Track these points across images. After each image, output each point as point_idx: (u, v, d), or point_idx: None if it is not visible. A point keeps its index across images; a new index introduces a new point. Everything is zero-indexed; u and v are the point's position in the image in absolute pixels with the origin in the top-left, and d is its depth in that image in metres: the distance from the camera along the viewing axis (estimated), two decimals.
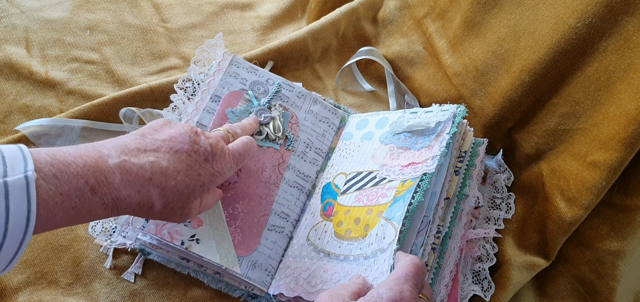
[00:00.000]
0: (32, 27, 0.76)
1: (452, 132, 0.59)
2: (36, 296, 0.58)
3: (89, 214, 0.43)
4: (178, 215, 0.49)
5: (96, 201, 0.43)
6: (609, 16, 0.58)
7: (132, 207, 0.45)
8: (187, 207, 0.49)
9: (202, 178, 0.49)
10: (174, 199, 0.47)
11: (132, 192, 0.45)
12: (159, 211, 0.47)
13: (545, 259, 0.64)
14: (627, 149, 0.57)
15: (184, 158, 0.48)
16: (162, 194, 0.46)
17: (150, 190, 0.46)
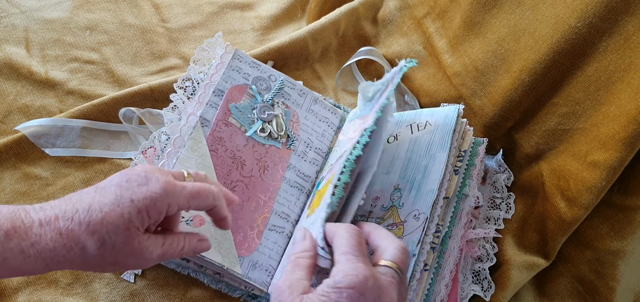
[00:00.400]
0: (32, 27, 0.76)
1: (396, 83, 0.56)
2: (36, 295, 0.58)
3: (3, 264, 0.38)
4: (125, 253, 0.42)
5: (11, 248, 0.38)
6: (609, 16, 0.58)
7: (59, 253, 0.40)
8: (133, 243, 0.42)
9: (137, 203, 0.42)
10: (108, 233, 0.41)
11: (54, 235, 0.40)
12: (96, 251, 0.41)
13: (545, 259, 0.64)
14: (627, 149, 0.57)
15: (113, 190, 0.42)
16: (91, 230, 0.40)
17: (74, 229, 0.40)
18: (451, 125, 0.61)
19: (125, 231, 0.41)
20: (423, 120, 0.65)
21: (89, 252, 0.41)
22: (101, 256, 0.41)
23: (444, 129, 0.62)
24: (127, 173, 0.44)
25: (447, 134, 0.61)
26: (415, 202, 0.57)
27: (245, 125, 0.65)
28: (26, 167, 0.65)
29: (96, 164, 0.67)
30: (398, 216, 0.58)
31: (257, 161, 0.64)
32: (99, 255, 0.41)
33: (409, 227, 0.55)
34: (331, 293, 0.39)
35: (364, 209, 0.62)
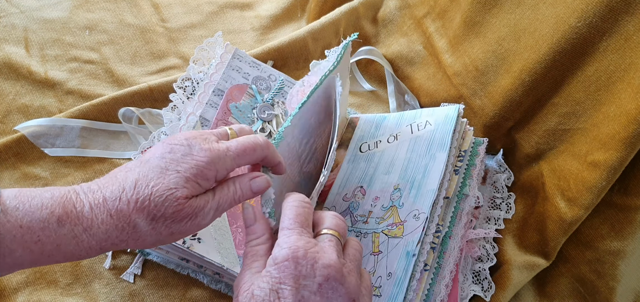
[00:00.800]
0: (31, 27, 0.76)
1: (339, 57, 0.55)
2: (35, 296, 0.58)
3: (57, 250, 0.38)
4: (179, 221, 0.41)
5: (64, 234, 0.38)
6: (609, 16, 0.58)
7: (113, 235, 0.39)
8: (184, 209, 0.41)
9: (184, 173, 0.41)
10: (157, 206, 0.40)
11: (105, 217, 0.39)
12: (148, 226, 0.40)
13: (546, 259, 0.64)
14: (627, 149, 0.57)
15: (156, 162, 0.41)
16: (140, 207, 0.40)
17: (123, 208, 0.39)
18: (451, 125, 0.61)
19: (174, 201, 0.40)
20: (423, 120, 0.65)
21: (141, 229, 0.40)
22: (155, 231, 0.40)
23: (444, 128, 0.62)
24: (169, 143, 0.43)
25: (447, 134, 0.61)
26: (415, 202, 0.57)
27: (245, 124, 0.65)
28: (25, 167, 0.65)
29: (96, 164, 0.67)
30: (398, 216, 0.58)
31: None
32: (152, 230, 0.40)
33: (409, 227, 0.55)
34: (272, 270, 0.40)
35: (364, 208, 0.62)
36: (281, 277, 0.39)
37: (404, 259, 0.53)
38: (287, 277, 0.39)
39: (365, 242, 0.58)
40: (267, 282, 0.39)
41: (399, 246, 0.55)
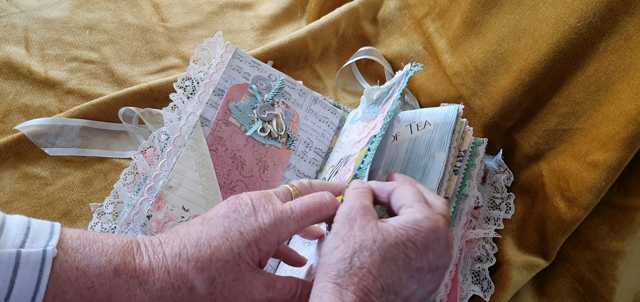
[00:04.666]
0: (32, 27, 0.76)
1: (403, 87, 0.57)
2: None
3: (107, 300, 0.36)
4: (236, 292, 0.39)
5: (119, 285, 0.36)
6: (609, 16, 0.58)
7: (167, 294, 0.37)
8: (243, 280, 0.39)
9: (246, 236, 0.39)
10: (218, 270, 0.38)
11: (162, 274, 0.37)
12: (205, 291, 0.38)
13: (545, 259, 0.64)
14: (627, 149, 0.57)
15: (220, 221, 0.40)
16: (200, 268, 0.37)
17: (182, 266, 0.37)
18: (451, 125, 0.61)
19: (236, 266, 0.38)
20: (423, 120, 0.65)
21: (197, 292, 0.38)
22: (211, 296, 0.38)
23: (444, 128, 0.62)
24: (234, 202, 0.41)
25: (447, 134, 0.61)
26: None
27: (245, 124, 0.65)
28: (26, 166, 0.65)
29: (96, 164, 0.67)
30: None
31: (257, 161, 0.64)
32: (209, 295, 0.38)
33: None
34: (410, 229, 0.39)
35: None
36: (417, 242, 0.39)
37: None
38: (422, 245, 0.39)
39: None
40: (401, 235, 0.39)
41: None
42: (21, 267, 0.32)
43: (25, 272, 0.32)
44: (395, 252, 0.38)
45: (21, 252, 0.32)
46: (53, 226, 0.36)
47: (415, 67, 0.57)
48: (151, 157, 0.65)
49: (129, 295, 0.36)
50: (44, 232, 0.35)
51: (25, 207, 0.62)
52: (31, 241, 0.33)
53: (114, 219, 0.63)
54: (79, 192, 0.65)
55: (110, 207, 0.64)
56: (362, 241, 0.38)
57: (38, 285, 0.33)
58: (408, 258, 0.38)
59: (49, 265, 0.33)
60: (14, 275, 0.32)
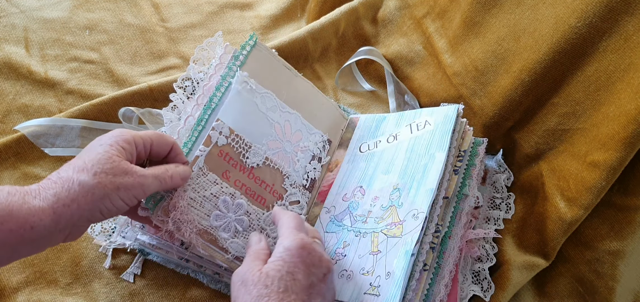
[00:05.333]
0: (32, 27, 0.76)
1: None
2: (35, 295, 0.58)
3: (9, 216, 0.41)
4: (119, 174, 0.47)
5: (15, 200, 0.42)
6: (609, 16, 0.58)
7: (62, 196, 0.44)
8: (120, 165, 0.47)
9: (107, 141, 0.48)
10: (94, 165, 0.46)
11: (49, 184, 0.45)
12: (93, 180, 0.45)
13: (545, 259, 0.64)
14: (627, 149, 0.57)
15: (84, 151, 0.48)
16: (79, 169, 0.45)
17: (66, 173, 0.45)
18: (450, 125, 0.61)
19: (109, 159, 0.46)
20: (422, 120, 0.65)
21: (88, 184, 0.44)
22: (101, 184, 0.45)
23: (444, 128, 0.62)
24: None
25: (446, 134, 0.61)
26: (414, 201, 0.57)
27: None
28: (25, 166, 0.65)
29: None
30: (397, 216, 0.58)
31: None
32: (98, 183, 0.45)
33: (408, 227, 0.55)
34: (285, 256, 0.46)
35: (363, 208, 0.62)
36: (295, 262, 0.46)
37: (403, 259, 0.53)
38: (300, 263, 0.46)
39: (365, 242, 0.58)
40: (281, 266, 0.46)
41: (398, 246, 0.55)
42: None
43: None
44: (287, 283, 0.45)
45: None
46: None
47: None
48: None
49: (26, 207, 0.42)
50: None
51: None
52: None
53: (113, 219, 0.63)
54: None
55: None
56: (258, 293, 0.44)
57: None
58: (298, 281, 0.46)
59: None
60: None
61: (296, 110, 0.67)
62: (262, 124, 0.63)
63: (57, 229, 0.44)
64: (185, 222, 0.54)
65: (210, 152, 0.58)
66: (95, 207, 0.45)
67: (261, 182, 0.61)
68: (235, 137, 0.60)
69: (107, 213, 0.47)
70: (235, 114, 0.61)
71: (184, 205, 0.54)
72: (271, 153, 0.63)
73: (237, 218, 0.58)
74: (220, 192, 0.57)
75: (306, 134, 0.67)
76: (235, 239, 0.57)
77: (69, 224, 0.44)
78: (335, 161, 0.69)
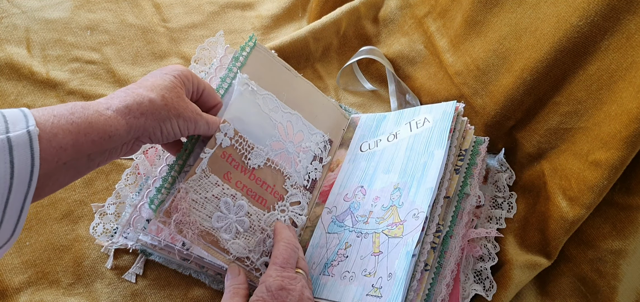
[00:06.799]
0: (33, 27, 0.76)
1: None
2: (38, 296, 0.58)
3: (90, 127, 0.43)
4: (180, 105, 0.51)
5: (92, 113, 0.44)
6: (611, 14, 0.58)
7: (134, 108, 0.47)
8: (182, 96, 0.52)
9: (173, 73, 0.52)
10: (162, 89, 0.50)
11: (123, 95, 0.48)
12: (161, 101, 0.49)
13: (547, 258, 0.64)
14: (629, 148, 0.57)
15: (153, 77, 0.52)
16: (149, 88, 0.49)
17: (138, 90, 0.49)
18: (448, 122, 0.61)
19: (173, 88, 0.51)
20: (422, 117, 0.65)
21: (157, 102, 0.48)
22: (167, 107, 0.49)
23: (442, 125, 0.62)
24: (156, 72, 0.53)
25: (445, 131, 0.61)
26: (414, 200, 0.57)
27: None
28: None
29: None
30: (398, 216, 0.58)
31: None
32: (165, 105, 0.49)
33: (409, 227, 0.55)
34: (266, 296, 0.49)
35: (364, 209, 0.62)
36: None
37: (404, 259, 0.53)
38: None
39: (366, 242, 0.58)
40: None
41: (399, 246, 0.55)
42: (15, 149, 0.38)
43: (19, 153, 0.38)
44: None
45: (10, 137, 0.38)
46: (22, 110, 0.40)
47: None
48: (152, 157, 0.65)
49: (103, 118, 0.45)
50: (19, 117, 0.39)
51: None
52: (13, 126, 0.38)
53: (115, 219, 0.63)
54: (81, 193, 0.65)
55: (111, 208, 0.64)
56: None
57: (33, 160, 0.39)
58: None
59: (36, 142, 0.39)
60: (11, 156, 0.38)
61: (297, 111, 0.67)
62: (266, 125, 0.63)
63: (126, 139, 0.47)
64: (187, 224, 0.54)
65: (214, 154, 0.58)
66: (157, 125, 0.49)
67: (262, 184, 0.61)
68: (239, 138, 0.60)
69: (165, 135, 0.51)
70: (240, 115, 0.61)
71: (186, 206, 0.54)
72: (273, 154, 0.63)
73: (238, 219, 0.58)
74: (222, 194, 0.57)
75: (307, 134, 0.67)
76: (237, 240, 0.57)
77: (135, 136, 0.48)
78: (336, 160, 0.69)
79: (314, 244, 0.62)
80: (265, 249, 0.59)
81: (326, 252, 0.60)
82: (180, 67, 0.54)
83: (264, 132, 0.62)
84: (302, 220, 0.63)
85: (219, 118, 0.58)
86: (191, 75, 0.55)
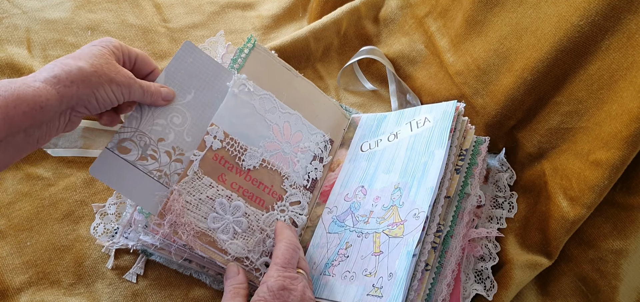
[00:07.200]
0: (34, 28, 0.76)
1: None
2: (38, 296, 0.58)
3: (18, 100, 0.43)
4: (111, 69, 0.51)
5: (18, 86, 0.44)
6: (611, 14, 0.58)
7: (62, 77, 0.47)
8: (112, 61, 0.52)
9: (102, 43, 0.53)
10: (91, 57, 0.50)
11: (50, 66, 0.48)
12: (90, 68, 0.49)
13: (548, 258, 0.64)
14: (630, 148, 0.57)
15: (82, 50, 0.51)
16: (77, 57, 0.50)
17: (66, 60, 0.49)
18: (449, 121, 0.61)
19: (102, 56, 0.51)
20: (422, 117, 0.65)
21: (86, 70, 0.49)
22: (97, 73, 0.49)
23: (442, 125, 0.62)
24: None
25: (445, 130, 0.61)
26: (415, 200, 0.57)
27: None
28: (28, 167, 0.65)
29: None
30: (398, 215, 0.58)
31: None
32: (95, 72, 0.49)
33: (409, 227, 0.55)
34: (267, 296, 0.49)
35: (365, 209, 0.62)
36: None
37: (405, 259, 0.53)
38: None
39: (367, 242, 0.58)
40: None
41: (400, 246, 0.55)
42: None
43: None
44: None
45: None
46: None
47: None
48: None
49: (31, 89, 0.44)
50: None
51: (28, 208, 0.62)
52: None
53: (116, 219, 0.63)
54: (82, 193, 0.65)
55: (112, 208, 0.64)
56: None
57: None
58: None
59: None
60: None
61: (297, 111, 0.67)
62: (259, 127, 0.63)
63: (60, 110, 0.47)
64: (181, 225, 0.54)
65: (204, 156, 0.58)
66: (91, 93, 0.49)
67: (259, 184, 0.61)
68: (230, 140, 0.61)
69: (101, 102, 0.51)
70: (231, 117, 0.61)
71: (179, 208, 0.55)
72: (269, 155, 0.63)
73: (235, 220, 0.58)
74: (217, 195, 0.58)
75: (307, 134, 0.67)
76: (235, 240, 0.57)
77: (69, 106, 0.48)
78: (337, 160, 0.69)
79: (315, 244, 0.62)
80: (265, 249, 0.59)
81: (327, 252, 0.60)
82: (109, 38, 0.55)
83: (256, 133, 0.63)
84: (302, 220, 0.63)
85: (157, 84, 0.58)
86: (120, 44, 0.55)
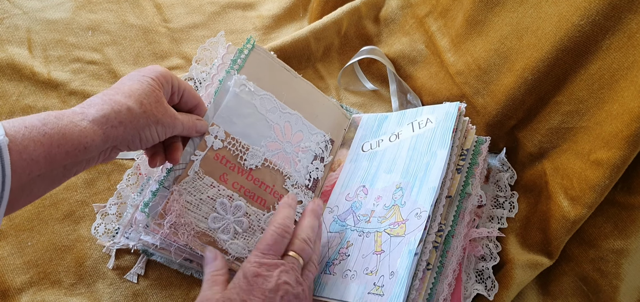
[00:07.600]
0: (34, 28, 0.76)
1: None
2: (39, 296, 0.58)
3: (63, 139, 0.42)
4: (159, 110, 0.51)
5: (65, 124, 0.43)
6: (612, 14, 0.58)
7: (111, 116, 0.46)
8: (162, 102, 0.51)
9: (153, 76, 0.51)
10: (141, 96, 0.49)
11: (100, 103, 0.47)
12: (140, 109, 0.48)
13: (549, 258, 0.64)
14: (631, 147, 0.57)
15: (130, 79, 0.50)
16: (127, 95, 0.48)
17: (116, 97, 0.48)
18: (451, 122, 0.61)
19: (152, 93, 0.50)
20: (424, 118, 0.65)
21: (135, 111, 0.47)
22: (145, 114, 0.48)
23: (445, 125, 0.62)
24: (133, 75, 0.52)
25: (448, 131, 0.61)
26: (416, 200, 0.57)
27: None
28: None
29: (99, 165, 0.67)
30: (400, 215, 0.58)
31: None
32: (144, 113, 0.48)
33: (411, 226, 0.55)
34: (242, 283, 0.48)
35: (366, 208, 0.62)
36: (251, 289, 0.47)
37: (406, 258, 0.53)
38: (256, 289, 0.47)
39: (368, 241, 0.58)
40: (237, 294, 0.47)
41: (401, 245, 0.55)
42: None
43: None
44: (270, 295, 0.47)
45: None
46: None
47: None
48: None
49: (78, 129, 0.43)
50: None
51: (29, 208, 0.62)
52: None
53: (117, 219, 0.63)
54: (82, 193, 0.65)
55: (113, 208, 0.64)
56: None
57: (3, 170, 0.38)
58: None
59: (6, 151, 0.38)
60: None
61: (297, 111, 0.67)
62: (261, 126, 0.63)
63: (103, 148, 0.46)
64: (181, 225, 0.54)
65: (205, 156, 0.58)
66: (136, 134, 0.48)
67: (261, 184, 0.61)
68: (232, 140, 0.60)
69: (144, 142, 0.50)
70: (232, 117, 0.61)
71: (179, 208, 0.54)
72: (270, 154, 0.63)
73: (236, 220, 0.58)
74: (218, 195, 0.58)
75: (307, 134, 0.67)
76: (235, 241, 0.57)
77: (113, 145, 0.47)
78: (337, 160, 0.69)
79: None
80: None
81: (328, 251, 0.60)
82: (159, 68, 0.53)
83: (258, 133, 0.63)
84: None
85: (194, 117, 0.57)
86: (170, 76, 0.53)
